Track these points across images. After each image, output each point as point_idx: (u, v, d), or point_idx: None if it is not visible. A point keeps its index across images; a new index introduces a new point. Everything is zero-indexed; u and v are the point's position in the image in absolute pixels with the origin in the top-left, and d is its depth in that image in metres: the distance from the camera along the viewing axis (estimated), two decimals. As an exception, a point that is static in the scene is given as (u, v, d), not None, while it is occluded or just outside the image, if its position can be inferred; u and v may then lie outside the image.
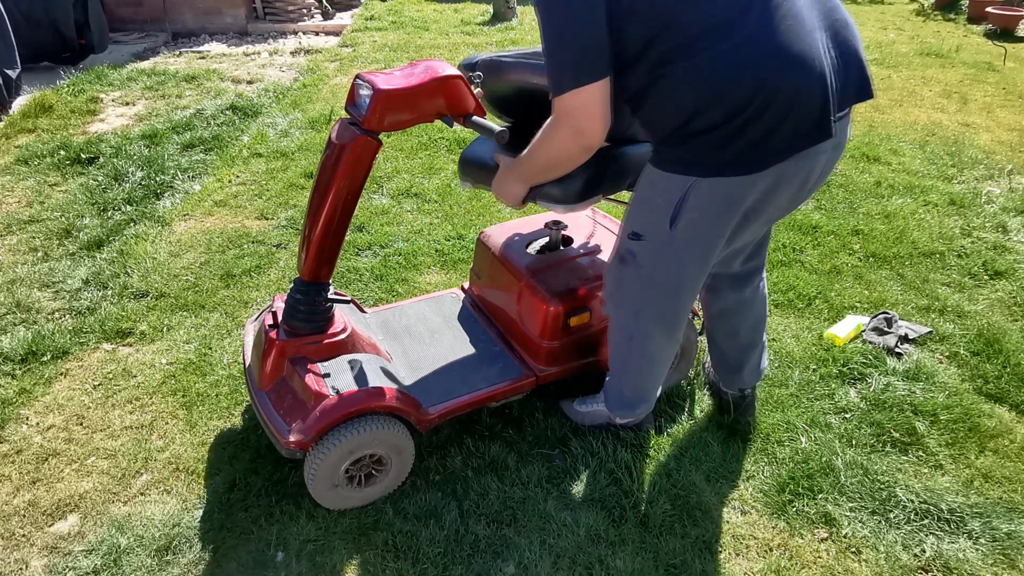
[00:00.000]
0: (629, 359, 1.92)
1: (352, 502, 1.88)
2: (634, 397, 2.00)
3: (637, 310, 1.79)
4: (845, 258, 3.14)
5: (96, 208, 3.47)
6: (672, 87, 1.40)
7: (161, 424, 2.19)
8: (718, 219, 1.55)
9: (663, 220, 1.56)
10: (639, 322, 1.80)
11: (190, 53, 6.47)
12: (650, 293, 1.73)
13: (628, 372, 1.95)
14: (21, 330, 2.58)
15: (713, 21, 1.35)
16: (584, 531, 1.84)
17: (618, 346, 1.92)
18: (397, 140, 4.36)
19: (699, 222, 1.54)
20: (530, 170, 1.68)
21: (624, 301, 1.81)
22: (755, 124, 1.38)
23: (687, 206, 1.51)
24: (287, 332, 1.86)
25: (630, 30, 1.38)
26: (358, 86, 1.67)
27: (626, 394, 2.00)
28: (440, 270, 3.03)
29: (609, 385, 2.04)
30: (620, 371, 1.97)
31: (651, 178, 1.57)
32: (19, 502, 1.92)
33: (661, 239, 1.60)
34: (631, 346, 1.87)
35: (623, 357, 1.93)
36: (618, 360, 1.95)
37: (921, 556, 1.78)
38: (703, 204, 1.50)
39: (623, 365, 1.95)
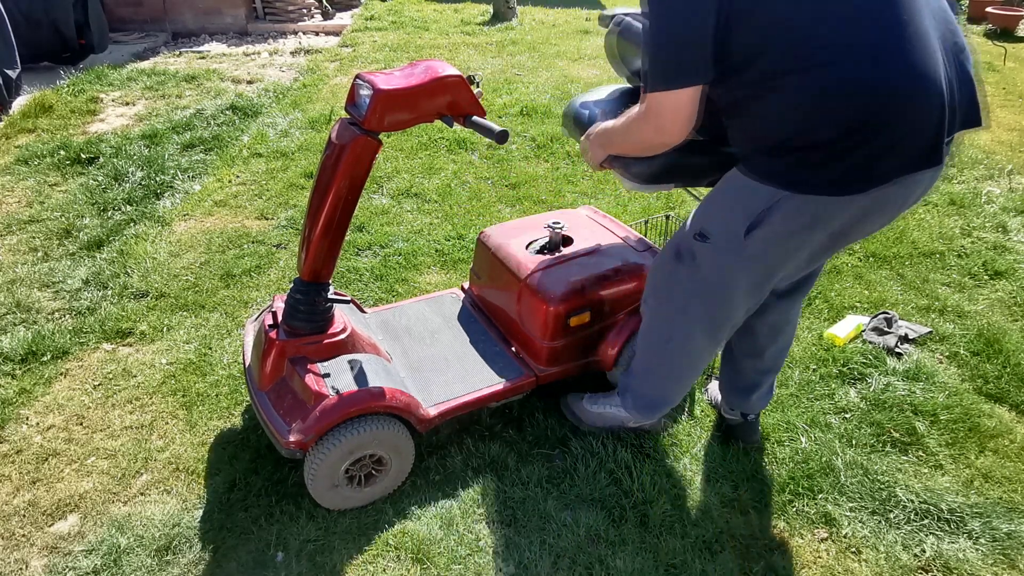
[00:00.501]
0: (662, 361, 1.85)
1: (352, 502, 1.88)
2: (658, 400, 1.94)
3: (684, 310, 1.72)
4: (845, 258, 3.13)
5: (96, 208, 3.47)
6: (780, 100, 1.33)
7: (161, 424, 2.19)
8: (799, 237, 1.47)
9: (738, 227, 1.48)
10: (682, 324, 1.74)
11: (190, 53, 6.47)
12: (702, 297, 1.66)
13: (657, 374, 1.89)
14: (21, 330, 2.58)
15: (836, 35, 1.28)
16: (584, 531, 1.84)
17: (651, 346, 1.85)
18: (397, 140, 4.36)
19: (778, 237, 1.46)
20: (611, 142, 1.65)
21: (670, 299, 1.74)
22: (866, 145, 1.30)
23: (770, 219, 1.43)
24: (287, 332, 1.86)
25: (741, 37, 1.31)
26: (358, 86, 1.67)
27: (649, 396, 1.94)
28: (440, 270, 3.03)
29: (630, 385, 1.97)
30: (648, 372, 1.90)
31: (736, 183, 1.49)
32: (19, 502, 1.92)
33: (730, 246, 1.52)
34: (667, 347, 1.81)
35: (655, 358, 1.86)
36: (648, 360, 1.89)
37: (921, 556, 1.78)
38: (788, 220, 1.42)
39: (654, 366, 1.88)
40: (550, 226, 2.21)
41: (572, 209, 2.57)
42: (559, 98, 5.15)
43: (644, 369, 1.92)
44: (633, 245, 2.22)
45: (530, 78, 5.70)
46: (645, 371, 1.92)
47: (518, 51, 6.52)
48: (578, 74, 5.86)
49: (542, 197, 3.69)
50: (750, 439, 2.10)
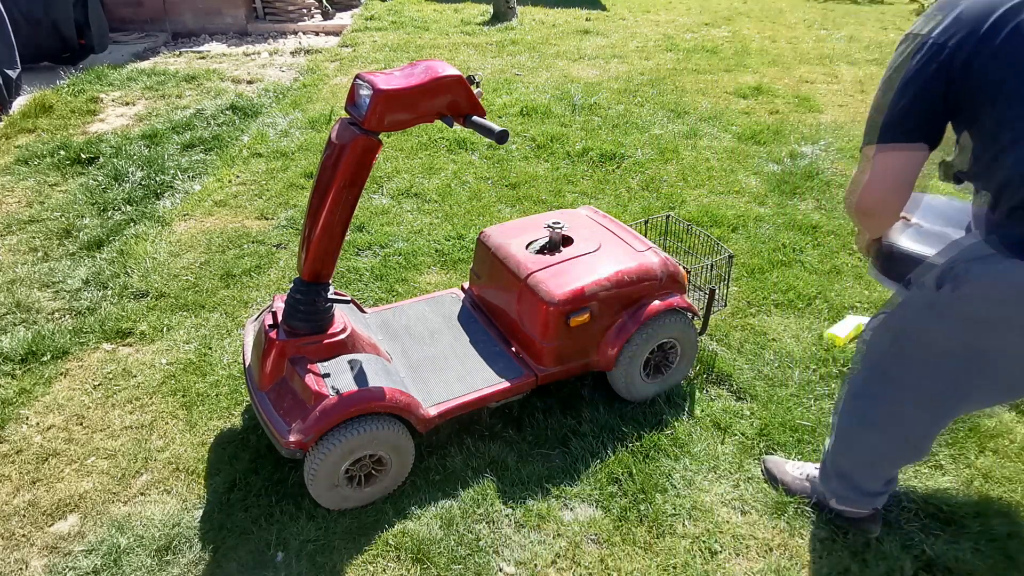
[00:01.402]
0: (852, 425, 1.67)
1: (352, 502, 1.88)
2: (860, 479, 1.74)
3: (887, 368, 1.55)
4: (845, 258, 3.13)
5: (96, 208, 3.47)
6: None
7: (161, 424, 2.19)
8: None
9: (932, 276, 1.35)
10: (882, 382, 1.58)
11: (190, 53, 6.47)
12: (908, 352, 1.50)
13: (854, 444, 1.70)
14: (21, 330, 2.58)
15: None
16: (584, 530, 1.84)
17: (844, 401, 1.69)
18: (397, 140, 4.36)
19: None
20: (847, 204, 1.48)
21: (876, 348, 1.58)
22: None
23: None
24: (287, 332, 1.86)
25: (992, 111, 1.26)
26: (358, 86, 1.67)
27: (846, 471, 1.75)
28: (440, 270, 3.03)
29: (827, 457, 1.80)
30: (846, 440, 1.72)
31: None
32: (19, 502, 1.92)
33: (922, 298, 1.40)
34: (855, 406, 1.64)
35: (859, 414, 1.67)
36: (848, 424, 1.70)
37: (921, 556, 1.78)
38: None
39: (856, 428, 1.70)
40: (550, 226, 2.21)
41: (572, 209, 2.57)
42: (559, 98, 5.15)
43: (844, 438, 1.73)
44: (633, 245, 2.22)
45: (530, 78, 5.70)
46: (845, 440, 1.73)
47: (518, 51, 6.52)
48: (578, 74, 5.86)
49: (542, 197, 3.69)
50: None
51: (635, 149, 4.26)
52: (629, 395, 2.21)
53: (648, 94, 5.33)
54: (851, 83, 5.77)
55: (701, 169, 4.03)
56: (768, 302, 2.80)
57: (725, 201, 3.66)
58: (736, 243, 3.23)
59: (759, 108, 5.10)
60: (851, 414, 1.70)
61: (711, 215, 3.46)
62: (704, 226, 3.37)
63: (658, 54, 6.57)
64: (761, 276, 2.96)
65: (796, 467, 1.97)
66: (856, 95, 5.47)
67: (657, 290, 2.14)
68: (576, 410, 2.22)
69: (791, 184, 3.83)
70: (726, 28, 7.79)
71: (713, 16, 8.43)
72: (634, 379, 2.17)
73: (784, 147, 4.33)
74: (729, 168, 4.05)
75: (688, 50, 6.70)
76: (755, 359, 2.48)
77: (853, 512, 1.81)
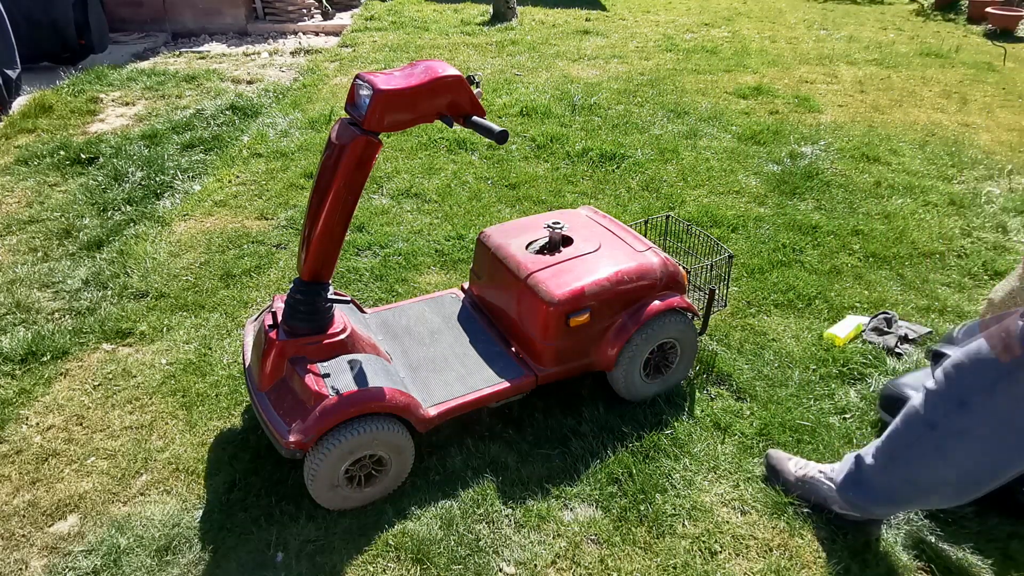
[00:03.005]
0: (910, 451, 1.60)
1: (352, 502, 1.88)
2: (884, 498, 1.70)
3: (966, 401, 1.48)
4: (845, 258, 3.13)
5: (96, 208, 3.47)
6: None
7: (161, 424, 2.19)
8: None
9: None
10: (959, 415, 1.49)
11: (190, 53, 6.47)
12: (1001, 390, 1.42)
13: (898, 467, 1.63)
14: (21, 330, 2.58)
15: None
16: (584, 531, 1.84)
17: (911, 428, 1.61)
18: (397, 140, 4.36)
19: None
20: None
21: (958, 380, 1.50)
22: None
23: None
24: (287, 332, 1.86)
25: None
26: (358, 86, 1.67)
27: (879, 491, 1.70)
28: (440, 270, 3.03)
29: (859, 466, 1.75)
30: (890, 460, 1.66)
31: None
32: (19, 502, 1.92)
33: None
34: (925, 436, 1.56)
35: (907, 446, 1.61)
36: (898, 446, 1.64)
37: (921, 556, 1.78)
38: None
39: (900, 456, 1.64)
40: (550, 226, 2.21)
41: (572, 209, 2.57)
42: (559, 98, 5.15)
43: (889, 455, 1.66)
44: (633, 245, 2.22)
45: (530, 78, 5.70)
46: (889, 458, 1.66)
47: (518, 51, 6.52)
48: (578, 74, 5.86)
49: (542, 197, 3.69)
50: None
51: (635, 149, 4.26)
52: (629, 395, 2.21)
53: (648, 94, 5.33)
54: (851, 83, 5.77)
55: (701, 169, 4.03)
56: (768, 302, 2.80)
57: (725, 201, 3.66)
58: (736, 243, 3.23)
59: (759, 108, 5.10)
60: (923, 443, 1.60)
61: (711, 215, 3.46)
62: (704, 226, 3.37)
63: (658, 54, 6.57)
64: (761, 276, 2.96)
65: (798, 466, 1.94)
66: (856, 95, 5.47)
67: (657, 290, 2.14)
68: (576, 410, 2.22)
69: (791, 184, 3.83)
70: (726, 28, 7.79)
71: (713, 16, 8.43)
72: (634, 379, 2.17)
73: (784, 147, 4.33)
74: (729, 168, 4.05)
75: (688, 50, 6.70)
76: (755, 359, 2.48)
77: (856, 517, 1.81)
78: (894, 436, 1.67)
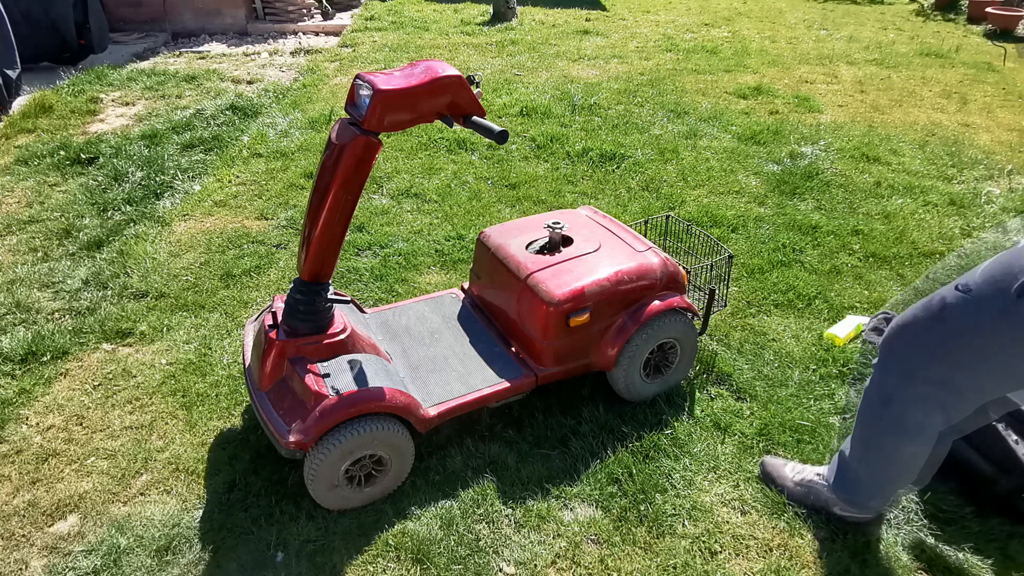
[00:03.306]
0: (875, 431, 1.64)
1: (352, 502, 1.88)
2: (871, 486, 1.71)
3: (911, 371, 1.53)
4: (845, 258, 3.13)
5: (96, 208, 3.47)
6: None
7: (161, 424, 2.19)
8: None
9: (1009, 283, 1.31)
10: (909, 386, 1.54)
11: (190, 53, 6.47)
12: (941, 356, 1.47)
13: (870, 450, 1.66)
14: (21, 330, 2.58)
15: None
16: (584, 531, 1.84)
17: (871, 409, 1.64)
18: (397, 140, 4.36)
19: None
20: None
21: (901, 352, 1.56)
22: None
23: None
24: (287, 332, 1.86)
25: None
26: (358, 86, 1.67)
27: (864, 481, 1.72)
28: (440, 270, 3.03)
29: (842, 463, 1.77)
30: (863, 447, 1.70)
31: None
32: (19, 502, 1.92)
33: (993, 303, 1.35)
34: (884, 413, 1.60)
35: (872, 427, 1.65)
36: (865, 431, 1.68)
37: (921, 556, 1.78)
38: None
39: (869, 439, 1.67)
40: (550, 226, 2.21)
41: (572, 209, 2.57)
42: (559, 98, 5.15)
43: (861, 444, 1.70)
44: (633, 245, 2.22)
45: (530, 78, 5.70)
46: (862, 447, 1.70)
47: (518, 51, 6.52)
48: (578, 74, 5.86)
49: (542, 197, 3.69)
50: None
51: (635, 149, 4.26)
52: (629, 395, 2.21)
53: (648, 94, 5.33)
54: (851, 83, 5.77)
55: (701, 169, 4.03)
56: (768, 302, 2.80)
57: (725, 201, 3.66)
58: (736, 243, 3.23)
59: (759, 108, 5.10)
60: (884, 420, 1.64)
61: (711, 215, 3.46)
62: (704, 226, 3.37)
63: (658, 54, 6.57)
64: (761, 276, 2.96)
65: (795, 471, 1.94)
66: (856, 95, 5.47)
67: (657, 290, 2.14)
68: (576, 410, 2.22)
69: (791, 184, 3.83)
70: (726, 28, 7.79)
71: (713, 16, 8.43)
72: (634, 379, 2.17)
73: (784, 147, 4.33)
74: (729, 168, 4.05)
75: (688, 50, 6.70)
76: (755, 359, 2.48)
77: (857, 518, 1.81)
78: (860, 421, 1.70)
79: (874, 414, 1.65)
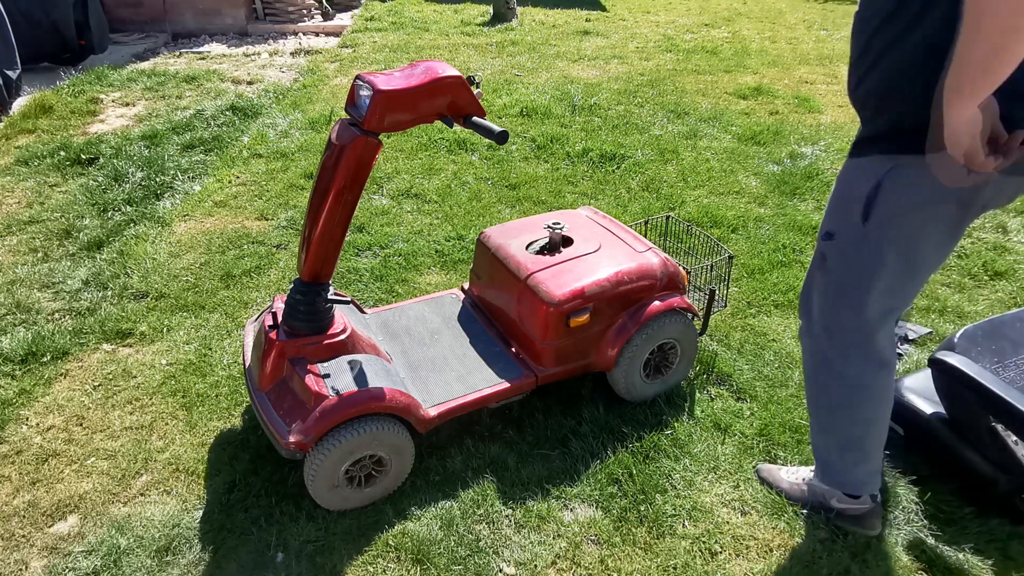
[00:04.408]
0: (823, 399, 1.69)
1: (352, 503, 1.88)
2: (848, 460, 1.73)
3: (827, 326, 1.59)
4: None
5: (96, 209, 3.47)
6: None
7: (161, 425, 2.19)
8: (925, 210, 1.34)
9: (855, 215, 1.41)
10: (831, 341, 1.60)
11: (190, 54, 6.48)
12: (839, 302, 1.54)
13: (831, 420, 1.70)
14: (21, 331, 2.58)
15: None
16: (584, 531, 1.84)
17: (817, 381, 1.68)
18: (397, 140, 4.36)
19: (900, 214, 1.35)
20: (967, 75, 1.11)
21: (816, 317, 1.62)
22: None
23: (881, 195, 1.34)
24: (287, 333, 1.86)
25: None
26: (358, 87, 1.67)
27: (833, 459, 1.74)
28: (440, 271, 3.03)
29: (816, 446, 1.81)
30: (823, 422, 1.73)
31: (847, 171, 1.47)
32: (19, 503, 1.92)
33: (852, 237, 1.45)
34: (830, 375, 1.63)
35: (823, 395, 1.69)
36: (819, 404, 1.71)
37: (921, 556, 1.78)
38: (905, 191, 1.31)
39: (824, 411, 1.71)
40: (550, 226, 2.21)
41: (572, 209, 2.57)
42: (559, 99, 5.15)
43: (821, 421, 1.74)
44: (633, 246, 2.22)
45: (530, 79, 5.70)
46: (822, 422, 1.74)
47: (518, 52, 6.52)
48: (578, 75, 5.86)
49: (542, 197, 3.69)
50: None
51: (635, 150, 4.26)
52: (629, 395, 2.21)
53: (648, 95, 5.33)
54: (851, 84, 5.77)
55: (701, 170, 4.03)
56: (768, 302, 2.80)
57: (725, 202, 3.66)
58: (736, 244, 3.23)
59: (759, 109, 5.10)
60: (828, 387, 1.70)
61: (711, 216, 3.46)
62: (704, 227, 3.37)
63: (658, 55, 6.57)
64: (761, 276, 2.96)
65: (791, 473, 1.96)
66: (856, 96, 5.47)
67: (657, 291, 2.14)
68: (576, 410, 2.22)
69: (791, 185, 3.83)
70: (726, 29, 7.80)
71: (713, 17, 8.43)
72: (634, 379, 2.17)
73: (784, 148, 4.33)
74: (729, 169, 4.05)
75: (688, 51, 6.70)
76: (755, 359, 2.48)
77: (855, 509, 1.80)
78: (811, 398, 1.76)
79: (818, 384, 1.70)
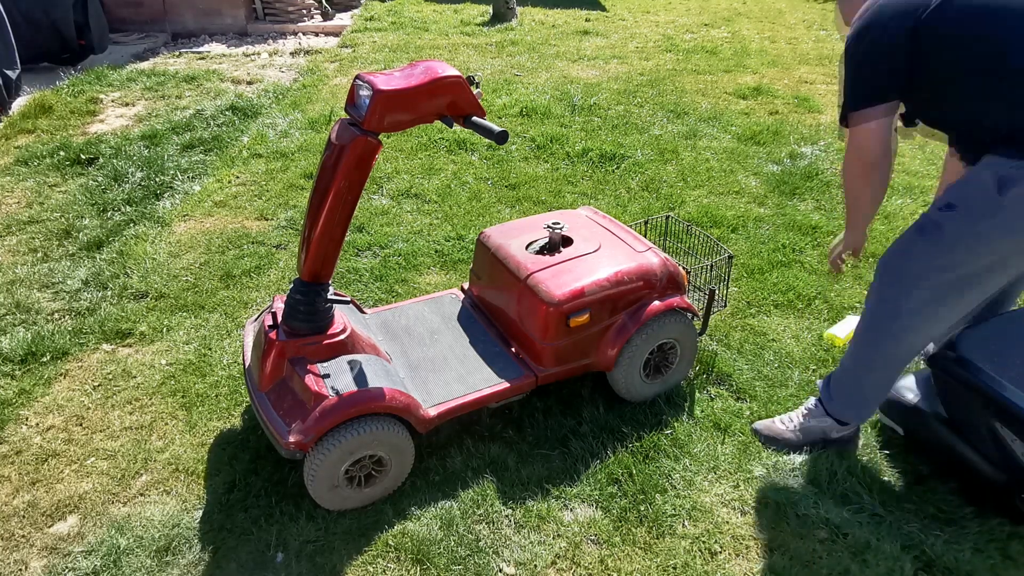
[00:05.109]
0: (882, 343, 1.84)
1: (352, 503, 1.88)
2: (870, 395, 1.94)
3: (916, 286, 1.73)
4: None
5: (96, 209, 3.47)
6: None
7: (161, 425, 2.19)
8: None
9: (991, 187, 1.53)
10: (911, 299, 1.74)
11: (190, 54, 6.47)
12: (941, 268, 1.68)
13: (876, 361, 1.88)
14: (21, 331, 2.58)
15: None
16: (584, 531, 1.84)
17: (874, 329, 1.85)
18: (397, 140, 4.36)
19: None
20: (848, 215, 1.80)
21: (903, 274, 1.76)
22: None
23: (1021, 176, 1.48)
24: (287, 333, 1.86)
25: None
26: (358, 87, 1.67)
27: (867, 392, 1.94)
28: (440, 271, 3.03)
29: (842, 381, 1.99)
30: (867, 361, 1.90)
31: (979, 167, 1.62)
32: (19, 503, 1.92)
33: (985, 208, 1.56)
34: (893, 327, 1.80)
35: (877, 342, 1.85)
36: (868, 347, 1.88)
37: (921, 556, 1.78)
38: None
39: (873, 352, 1.88)
40: (550, 226, 2.21)
41: (572, 209, 2.57)
42: (559, 99, 5.15)
43: (864, 359, 1.91)
44: (633, 246, 2.22)
45: (530, 79, 5.70)
46: (866, 361, 1.91)
47: (518, 52, 6.52)
48: (578, 75, 5.86)
49: (542, 197, 3.69)
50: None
51: (635, 150, 4.26)
52: (629, 395, 2.21)
53: (648, 95, 5.33)
54: (851, 83, 5.77)
55: (701, 170, 4.03)
56: (768, 302, 2.80)
57: (725, 202, 3.66)
58: (736, 243, 3.23)
59: (759, 109, 5.10)
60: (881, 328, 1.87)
61: (711, 215, 3.46)
62: (704, 226, 3.37)
63: (658, 55, 6.57)
64: (761, 276, 2.96)
65: (784, 422, 2.12)
66: (856, 95, 5.47)
67: (657, 291, 2.14)
68: (576, 410, 2.22)
69: (791, 184, 3.83)
70: (726, 29, 7.80)
71: (713, 17, 8.43)
72: (634, 379, 2.17)
73: (784, 148, 4.33)
74: (729, 169, 4.05)
75: (688, 51, 6.70)
76: (755, 359, 2.48)
77: (845, 436, 2.03)
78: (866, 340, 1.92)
79: (882, 328, 1.84)
